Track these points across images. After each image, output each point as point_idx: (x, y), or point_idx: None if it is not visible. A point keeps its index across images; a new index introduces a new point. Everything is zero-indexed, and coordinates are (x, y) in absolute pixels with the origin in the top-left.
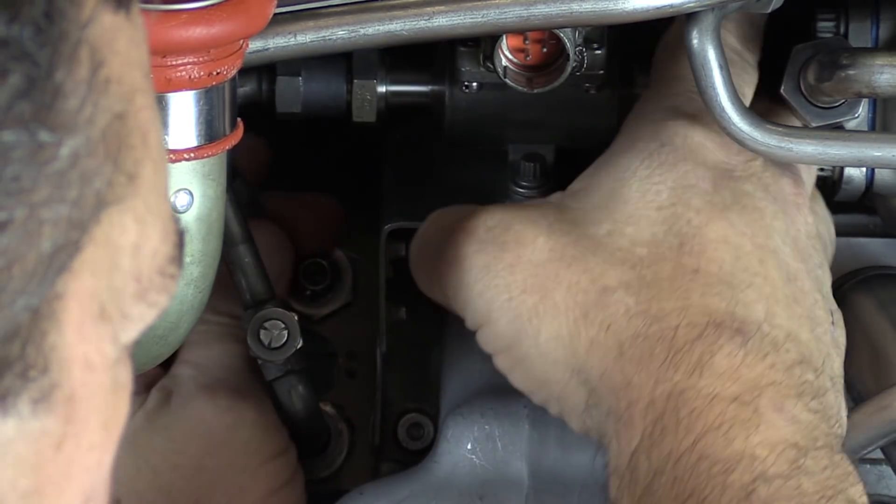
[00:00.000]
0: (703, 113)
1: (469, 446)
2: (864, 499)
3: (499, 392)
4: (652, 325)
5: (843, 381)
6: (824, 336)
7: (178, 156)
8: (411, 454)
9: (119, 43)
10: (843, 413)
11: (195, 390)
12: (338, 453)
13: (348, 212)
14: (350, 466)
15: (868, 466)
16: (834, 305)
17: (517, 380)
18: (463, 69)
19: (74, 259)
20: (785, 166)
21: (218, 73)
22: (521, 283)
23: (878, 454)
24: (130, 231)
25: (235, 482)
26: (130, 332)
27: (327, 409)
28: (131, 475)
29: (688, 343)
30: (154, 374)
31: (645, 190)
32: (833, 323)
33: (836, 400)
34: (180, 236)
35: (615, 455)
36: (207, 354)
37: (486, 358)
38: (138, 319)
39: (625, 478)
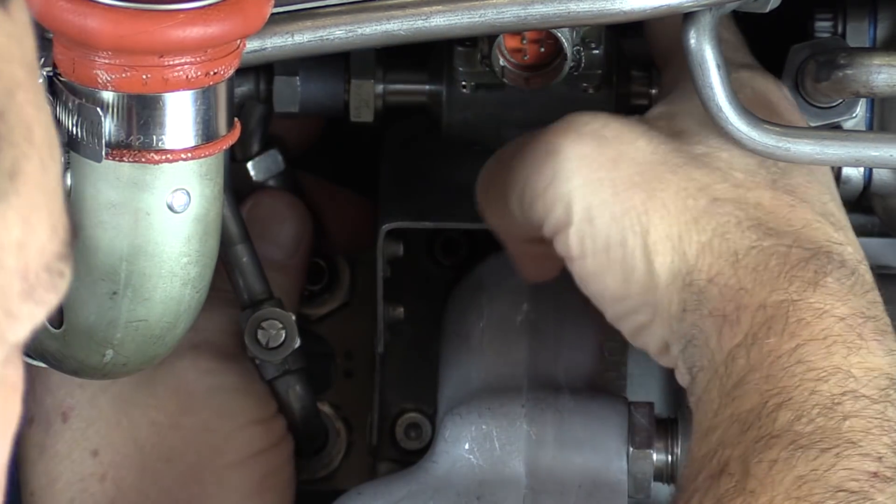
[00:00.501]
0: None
1: (467, 446)
2: None
3: (497, 392)
4: (766, 240)
5: None
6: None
7: (175, 156)
8: (409, 454)
9: None
10: None
11: (184, 349)
12: (335, 453)
13: None
14: (348, 466)
15: None
16: None
17: (607, 284)
18: (460, 69)
19: None
20: None
21: (215, 73)
22: (626, 179)
23: None
24: (14, 228)
25: (209, 443)
26: (18, 332)
27: (325, 408)
28: (111, 427)
29: (802, 261)
30: None
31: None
32: None
33: None
34: (71, 233)
35: (713, 351)
36: (206, 316)
37: (484, 358)
38: (26, 318)
39: (718, 371)
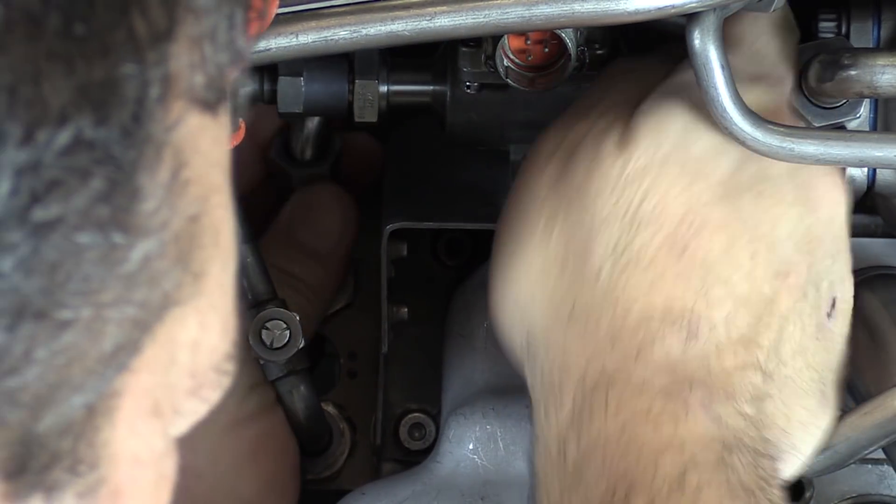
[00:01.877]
0: (762, 76)
1: (471, 446)
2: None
3: (501, 392)
4: (607, 296)
5: (834, 374)
6: (799, 335)
7: None
8: (413, 454)
9: (203, 143)
10: (791, 421)
11: None
12: (339, 453)
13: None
14: (352, 466)
15: (869, 466)
16: (841, 294)
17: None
18: (464, 69)
19: (134, 358)
20: None
21: None
22: (541, 199)
23: (880, 454)
24: (191, 328)
25: None
26: (180, 427)
27: (329, 409)
28: None
29: (634, 323)
30: None
31: (681, 140)
32: (830, 315)
33: (787, 404)
34: (240, 333)
35: (543, 426)
36: None
37: (488, 358)
38: (190, 414)
39: (551, 452)
